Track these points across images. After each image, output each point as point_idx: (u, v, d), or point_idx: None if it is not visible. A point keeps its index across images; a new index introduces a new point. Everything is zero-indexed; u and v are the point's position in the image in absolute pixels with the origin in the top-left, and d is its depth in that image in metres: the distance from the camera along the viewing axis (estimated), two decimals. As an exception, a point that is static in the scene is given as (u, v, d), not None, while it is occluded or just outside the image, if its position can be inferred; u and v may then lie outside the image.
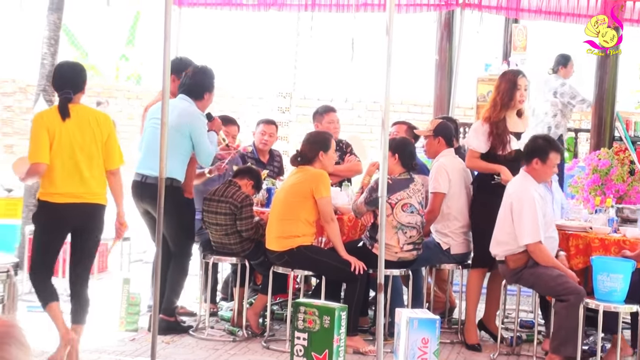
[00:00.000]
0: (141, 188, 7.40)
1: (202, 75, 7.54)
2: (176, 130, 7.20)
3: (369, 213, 7.36)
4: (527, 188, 6.92)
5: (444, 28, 11.62)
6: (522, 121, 7.63)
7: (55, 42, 9.66)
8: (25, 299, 8.18)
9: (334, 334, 6.33)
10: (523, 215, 6.83)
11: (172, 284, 7.45)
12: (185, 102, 7.41)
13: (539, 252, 6.81)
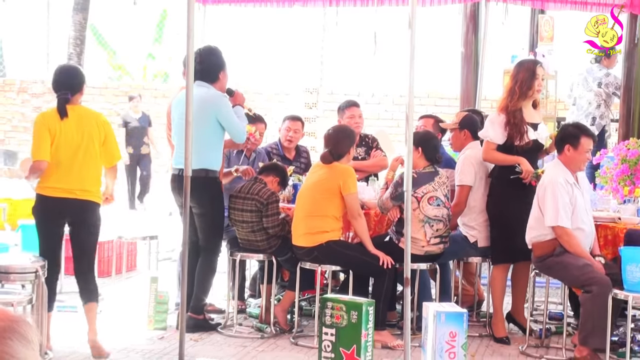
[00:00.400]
0: (178, 181, 7.34)
1: (210, 57, 7.44)
2: (202, 119, 7.12)
3: (395, 208, 7.35)
4: (555, 174, 6.91)
5: (470, 20, 11.59)
6: (537, 112, 7.56)
7: (81, 42, 9.74)
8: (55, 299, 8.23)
9: (362, 329, 6.32)
10: (546, 198, 6.84)
11: (200, 281, 7.46)
12: (203, 88, 7.29)
13: (566, 237, 6.78)
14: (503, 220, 7.34)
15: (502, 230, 7.37)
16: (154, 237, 8.44)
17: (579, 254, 6.80)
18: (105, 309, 7.94)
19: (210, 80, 7.39)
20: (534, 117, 7.47)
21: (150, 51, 19.54)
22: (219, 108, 7.30)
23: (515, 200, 7.21)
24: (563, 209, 6.78)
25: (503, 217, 7.35)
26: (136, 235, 8.66)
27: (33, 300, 5.89)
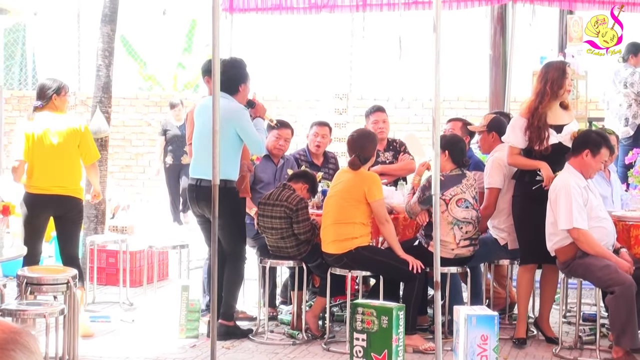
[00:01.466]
0: (196, 191, 7.43)
1: (232, 69, 7.48)
2: (221, 130, 7.09)
3: (424, 212, 7.34)
4: (565, 179, 6.90)
5: (497, 22, 11.55)
6: (567, 113, 7.44)
7: (110, 54, 9.76)
8: (88, 309, 8.30)
9: (393, 334, 6.33)
10: (559, 203, 6.83)
11: (228, 288, 7.49)
12: (224, 100, 7.24)
13: (583, 238, 6.76)
14: (525, 222, 7.30)
15: (525, 232, 7.33)
16: (184, 245, 8.47)
17: (600, 254, 6.78)
18: (137, 318, 7.99)
19: (231, 92, 7.42)
20: (561, 118, 7.32)
21: (180, 61, 19.63)
22: (238, 121, 7.35)
23: (537, 202, 7.12)
24: (577, 210, 6.75)
25: (525, 219, 7.30)
26: (167, 245, 8.70)
27: (65, 311, 5.93)
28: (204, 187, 7.26)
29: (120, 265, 8.84)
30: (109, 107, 9.83)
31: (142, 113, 16.81)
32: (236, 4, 11.24)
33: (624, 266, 6.75)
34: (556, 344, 7.20)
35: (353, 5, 11.00)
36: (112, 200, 12.43)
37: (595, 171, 7.10)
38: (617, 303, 6.60)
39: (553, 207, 6.91)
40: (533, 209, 7.16)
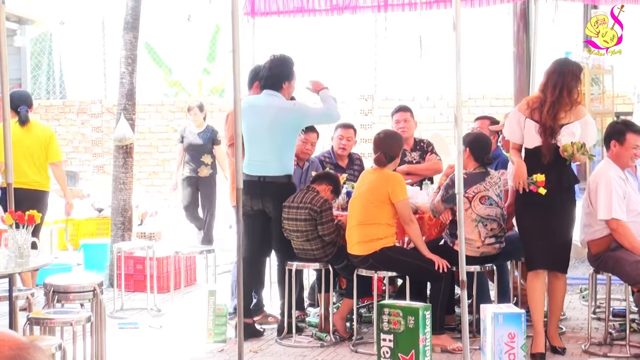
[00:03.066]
0: (260, 187, 7.53)
1: (279, 66, 7.63)
2: (279, 127, 7.47)
3: (447, 211, 7.32)
4: (605, 169, 6.89)
5: (520, 19, 11.50)
6: (572, 111, 6.80)
7: (133, 61, 9.82)
8: (116, 316, 8.35)
9: (420, 334, 6.31)
10: (599, 193, 6.80)
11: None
12: (275, 98, 7.57)
13: (621, 229, 6.72)
14: (526, 226, 6.99)
15: (527, 236, 6.97)
16: (211, 250, 8.49)
17: (636, 248, 6.73)
18: (165, 324, 8.02)
19: (275, 89, 7.59)
20: (566, 116, 6.76)
21: (205, 66, 19.70)
22: (296, 112, 7.59)
23: (536, 206, 6.78)
24: (617, 201, 6.73)
25: (525, 224, 7.00)
26: (193, 250, 8.73)
27: (92, 318, 5.96)
28: (268, 183, 7.49)
29: (147, 271, 8.87)
30: (133, 114, 9.88)
31: (168, 119, 16.87)
32: (257, 7, 11.24)
33: None
34: (562, 354, 6.98)
35: (375, 6, 10.97)
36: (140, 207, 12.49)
37: (628, 158, 7.03)
38: (641, 298, 6.59)
39: (592, 197, 6.87)
40: (532, 213, 6.85)
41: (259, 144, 7.50)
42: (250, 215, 7.62)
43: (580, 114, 6.83)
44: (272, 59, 7.67)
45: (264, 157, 7.48)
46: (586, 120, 6.86)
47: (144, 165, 16.65)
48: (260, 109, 7.50)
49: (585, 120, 6.84)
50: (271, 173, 7.46)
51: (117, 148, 9.87)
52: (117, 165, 9.88)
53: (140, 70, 10.17)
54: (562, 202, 6.82)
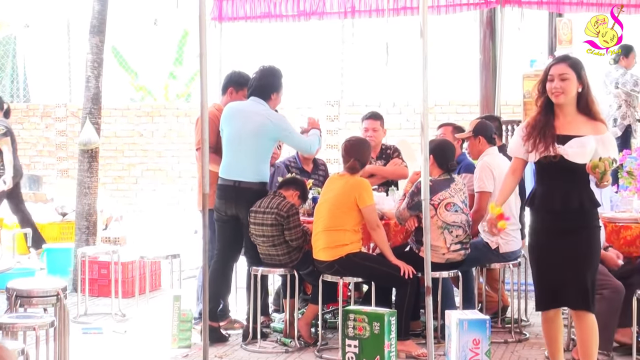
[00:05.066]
0: (235, 192, 7.55)
1: (269, 77, 7.71)
2: (260, 135, 7.53)
3: (413, 218, 7.34)
4: None
5: (486, 27, 11.60)
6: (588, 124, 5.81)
7: (99, 65, 9.77)
8: (80, 321, 8.30)
9: (385, 340, 6.33)
10: None
11: None
12: (261, 106, 7.62)
13: None
14: (531, 256, 6.06)
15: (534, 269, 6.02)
16: (176, 255, 8.46)
17: None
18: (129, 329, 7.97)
19: (263, 98, 7.66)
20: (569, 127, 5.77)
21: (171, 70, 19.62)
22: (282, 129, 7.64)
23: (549, 234, 5.87)
24: None
25: (531, 253, 6.08)
26: (159, 255, 8.69)
27: (55, 323, 5.91)
28: (244, 189, 7.52)
29: (112, 276, 8.81)
30: (98, 118, 9.83)
31: (134, 124, 16.80)
32: (225, 12, 11.25)
33: (612, 260, 6.80)
34: None
35: (342, 12, 11.01)
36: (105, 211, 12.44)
37: None
38: (600, 305, 6.57)
39: None
40: (533, 242, 6.01)
41: (240, 148, 7.53)
42: (224, 222, 7.63)
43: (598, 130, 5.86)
44: (262, 69, 7.73)
45: (242, 162, 7.51)
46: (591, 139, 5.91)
47: (109, 169, 16.55)
48: (247, 113, 7.55)
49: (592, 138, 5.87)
50: (247, 179, 7.49)
51: (82, 152, 9.81)
52: (82, 170, 9.81)
53: (106, 74, 10.12)
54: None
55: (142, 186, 16.60)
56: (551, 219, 5.82)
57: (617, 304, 6.65)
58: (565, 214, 5.76)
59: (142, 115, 16.89)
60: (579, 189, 5.76)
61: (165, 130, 16.56)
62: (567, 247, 5.75)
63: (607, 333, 6.65)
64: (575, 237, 5.75)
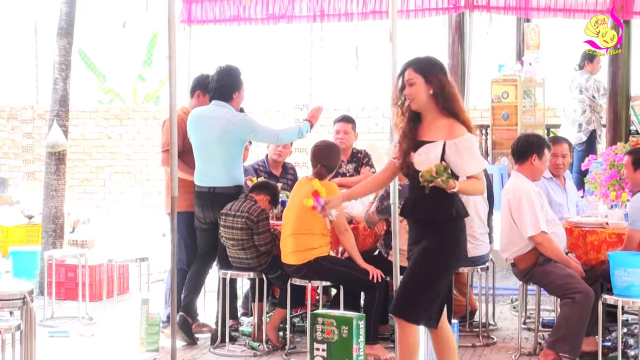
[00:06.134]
0: (211, 199, 7.55)
1: (227, 77, 7.67)
2: (229, 139, 7.53)
3: (382, 222, 7.35)
4: (521, 185, 6.96)
5: (455, 31, 11.64)
6: (434, 128, 5.57)
7: (67, 67, 9.72)
8: (46, 324, 8.24)
9: (353, 344, 6.33)
10: (522, 209, 6.86)
11: None
12: (224, 108, 7.59)
13: (547, 243, 6.82)
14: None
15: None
16: (144, 259, 8.42)
17: (560, 259, 6.85)
18: (97, 332, 7.93)
19: (225, 100, 7.62)
20: (426, 133, 5.55)
21: (140, 73, 19.55)
22: (246, 126, 7.60)
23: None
24: (540, 214, 6.83)
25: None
26: (127, 258, 8.65)
27: (21, 326, 5.86)
28: (219, 194, 7.52)
29: (79, 279, 8.76)
30: (66, 121, 9.78)
31: (102, 126, 16.73)
32: (194, 15, 11.22)
33: (578, 270, 6.85)
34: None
35: (310, 16, 11.00)
36: (72, 214, 12.35)
37: (542, 173, 7.26)
38: (572, 309, 6.66)
39: (514, 215, 6.92)
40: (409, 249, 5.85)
41: (209, 155, 7.54)
42: (203, 229, 7.65)
43: (446, 134, 5.54)
44: (219, 70, 7.69)
45: (214, 168, 7.52)
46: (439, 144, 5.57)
47: (76, 172, 16.47)
48: (209, 119, 7.53)
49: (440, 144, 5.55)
50: (221, 184, 7.50)
51: (49, 154, 9.74)
52: (49, 172, 9.75)
53: (73, 76, 10.06)
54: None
55: (110, 189, 16.54)
56: (410, 228, 5.76)
57: (587, 309, 6.69)
58: (416, 224, 5.68)
59: (110, 118, 16.82)
60: (430, 199, 5.45)
61: (134, 133, 16.51)
62: (427, 261, 5.57)
63: (576, 338, 6.69)
64: (418, 249, 5.61)
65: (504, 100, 11.25)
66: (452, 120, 5.48)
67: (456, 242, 5.62)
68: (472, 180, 5.49)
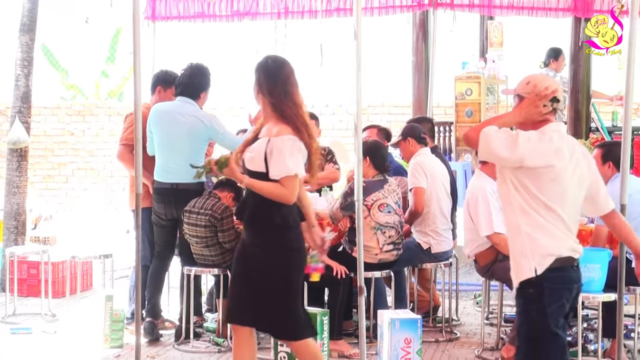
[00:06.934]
0: (174, 195, 7.52)
1: (199, 75, 7.65)
2: (194, 136, 7.50)
3: (346, 218, 7.39)
4: (480, 184, 7.01)
5: (419, 29, 11.69)
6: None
7: (29, 64, 9.66)
8: (8, 321, 8.20)
9: (317, 339, 6.34)
10: (478, 209, 6.94)
11: None
12: (191, 106, 7.58)
13: (503, 243, 6.87)
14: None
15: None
16: (108, 255, 8.40)
17: None
18: (60, 329, 7.90)
19: (192, 97, 7.60)
20: (265, 131, 5.39)
21: (103, 69, 19.47)
22: (216, 132, 7.58)
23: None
24: (496, 215, 6.87)
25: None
26: (90, 255, 8.62)
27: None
28: (182, 191, 7.46)
29: (42, 276, 8.72)
30: (28, 117, 9.73)
31: (65, 122, 16.63)
32: (158, 12, 11.21)
33: None
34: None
35: (274, 13, 11.06)
36: (34, 210, 12.28)
37: None
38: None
39: (472, 213, 6.99)
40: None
41: (174, 151, 7.49)
42: (162, 225, 7.63)
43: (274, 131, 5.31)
44: (191, 66, 7.67)
45: (177, 164, 7.45)
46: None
47: (38, 168, 16.36)
48: (177, 115, 7.49)
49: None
50: (184, 180, 7.35)
51: (10, 151, 9.68)
52: (10, 169, 9.69)
53: (36, 72, 10.01)
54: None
55: (73, 185, 16.45)
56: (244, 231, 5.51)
57: None
58: (245, 227, 5.44)
59: (73, 114, 16.73)
60: (256, 201, 5.25)
61: (97, 129, 16.43)
62: (242, 263, 5.38)
63: None
64: (246, 254, 5.35)
65: (467, 98, 11.31)
66: (281, 120, 5.27)
67: (286, 250, 5.27)
68: (272, 183, 5.16)
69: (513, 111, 4.85)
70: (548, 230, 4.65)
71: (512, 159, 4.61)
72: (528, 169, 4.60)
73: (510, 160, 4.63)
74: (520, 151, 4.57)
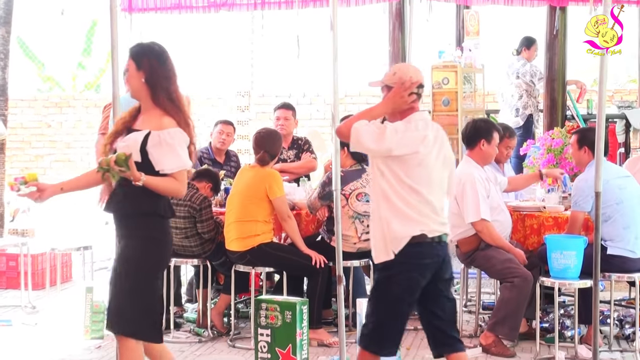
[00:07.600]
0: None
1: None
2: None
3: (324, 207, 7.42)
4: (469, 171, 7.06)
5: (395, 18, 11.69)
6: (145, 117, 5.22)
7: (5, 56, 9.66)
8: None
9: (297, 328, 6.39)
10: (465, 195, 6.99)
11: None
12: None
13: (486, 230, 6.96)
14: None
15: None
16: (88, 247, 8.41)
17: (501, 246, 6.99)
18: (40, 321, 7.91)
19: None
20: (141, 122, 5.15)
21: (80, 61, 19.40)
22: None
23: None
24: (483, 202, 6.94)
25: None
26: (70, 246, 8.63)
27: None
28: None
29: (21, 268, 8.73)
30: (5, 110, 9.73)
31: (42, 114, 16.58)
32: (135, 3, 11.18)
33: (521, 257, 6.98)
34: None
35: (251, 4, 11.06)
36: (11, 203, 12.25)
37: (492, 157, 7.35)
38: (511, 292, 6.82)
39: (459, 199, 7.05)
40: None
41: None
42: None
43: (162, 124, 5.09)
44: None
45: None
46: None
47: (15, 161, 16.31)
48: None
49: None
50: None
51: (-13, 144, 9.68)
52: (-13, 162, 9.69)
53: (12, 65, 9.99)
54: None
55: (51, 177, 16.38)
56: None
57: (526, 293, 6.84)
58: (115, 219, 5.22)
59: (50, 106, 16.68)
60: (125, 191, 5.04)
61: (75, 121, 16.39)
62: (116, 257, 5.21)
63: (515, 321, 6.86)
64: (119, 246, 5.18)
65: (444, 87, 11.32)
66: (164, 112, 5.05)
67: (155, 243, 5.11)
68: (168, 178, 4.99)
69: (382, 102, 5.28)
70: (405, 215, 5.02)
71: (380, 150, 5.03)
72: (396, 157, 5.00)
73: (379, 152, 5.05)
74: (388, 142, 4.98)
